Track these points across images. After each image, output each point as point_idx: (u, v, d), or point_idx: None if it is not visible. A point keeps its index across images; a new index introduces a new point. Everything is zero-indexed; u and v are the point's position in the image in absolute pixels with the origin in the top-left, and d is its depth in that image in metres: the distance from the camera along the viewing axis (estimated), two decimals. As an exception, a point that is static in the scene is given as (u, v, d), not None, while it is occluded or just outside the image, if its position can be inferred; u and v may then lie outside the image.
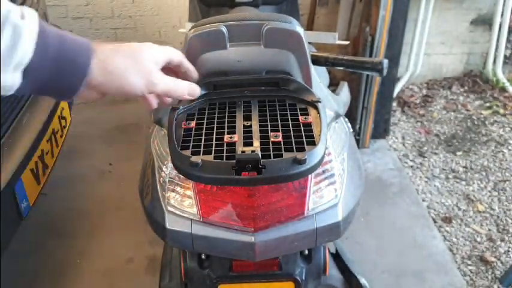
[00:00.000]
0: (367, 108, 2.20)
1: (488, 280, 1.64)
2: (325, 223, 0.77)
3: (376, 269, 1.65)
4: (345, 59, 0.85)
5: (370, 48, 2.03)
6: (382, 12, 1.96)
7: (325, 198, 0.79)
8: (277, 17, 0.73)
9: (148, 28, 2.65)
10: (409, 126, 2.53)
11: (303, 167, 0.56)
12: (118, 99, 2.73)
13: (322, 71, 1.07)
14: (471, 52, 2.92)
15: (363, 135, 2.27)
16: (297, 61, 0.75)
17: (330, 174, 0.81)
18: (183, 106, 0.70)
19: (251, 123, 0.66)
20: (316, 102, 0.68)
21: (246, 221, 0.74)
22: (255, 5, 1.55)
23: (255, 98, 0.72)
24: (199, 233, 0.76)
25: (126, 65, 0.60)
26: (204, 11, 1.67)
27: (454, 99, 2.78)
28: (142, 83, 0.61)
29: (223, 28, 0.72)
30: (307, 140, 0.61)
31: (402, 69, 2.69)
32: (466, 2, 2.74)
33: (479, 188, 2.08)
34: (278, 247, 0.76)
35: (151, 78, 0.61)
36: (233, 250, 0.76)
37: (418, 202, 1.99)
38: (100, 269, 1.66)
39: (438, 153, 2.31)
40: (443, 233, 1.84)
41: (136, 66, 0.60)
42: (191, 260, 0.93)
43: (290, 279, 0.88)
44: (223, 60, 0.73)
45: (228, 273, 0.89)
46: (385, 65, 0.81)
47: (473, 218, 1.91)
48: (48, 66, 0.54)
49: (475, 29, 2.84)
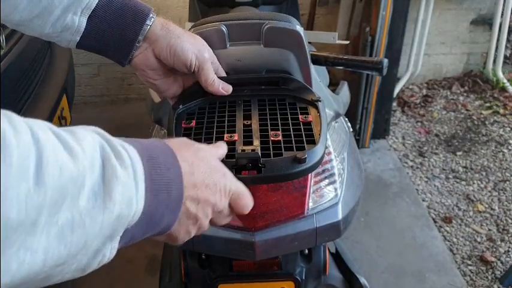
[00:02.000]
0: (367, 108, 2.20)
1: (488, 280, 1.64)
2: (325, 222, 0.77)
3: (376, 269, 1.65)
4: (345, 58, 0.84)
5: (370, 48, 2.03)
6: (382, 12, 1.96)
7: (325, 198, 0.79)
8: (277, 16, 0.73)
9: (148, 28, 2.65)
10: (409, 126, 2.53)
11: (303, 166, 0.56)
12: (118, 99, 2.74)
13: (322, 71, 1.07)
14: (471, 52, 2.92)
15: (363, 135, 2.27)
16: (297, 60, 0.75)
17: (330, 174, 0.81)
18: (182, 105, 0.70)
19: (251, 122, 0.66)
20: (316, 102, 0.68)
21: (246, 221, 0.74)
22: (255, 4, 1.55)
23: (255, 97, 0.72)
24: (199, 232, 0.76)
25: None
26: (204, 10, 1.67)
27: (454, 99, 2.78)
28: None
29: (223, 27, 0.72)
30: (307, 139, 0.61)
31: (402, 69, 2.69)
32: (466, 2, 2.74)
33: (479, 188, 2.08)
34: (278, 246, 0.76)
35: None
36: (233, 250, 0.76)
37: (418, 202, 1.99)
38: (100, 269, 1.66)
39: (438, 153, 2.31)
40: (444, 233, 1.84)
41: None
42: (191, 260, 0.93)
43: (290, 278, 0.88)
44: (223, 59, 0.73)
45: (228, 273, 0.89)
46: (385, 64, 0.81)
47: (473, 218, 1.91)
48: (111, 16, 0.61)
49: (475, 29, 2.84)
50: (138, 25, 0.62)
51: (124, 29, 0.62)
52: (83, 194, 0.32)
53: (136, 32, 0.63)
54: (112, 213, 0.34)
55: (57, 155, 0.31)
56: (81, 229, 0.33)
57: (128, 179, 0.36)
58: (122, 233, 0.38)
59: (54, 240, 0.31)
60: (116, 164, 0.35)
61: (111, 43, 0.63)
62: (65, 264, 0.34)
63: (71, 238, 0.32)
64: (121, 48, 0.64)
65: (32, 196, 0.29)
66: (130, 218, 0.37)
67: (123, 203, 0.35)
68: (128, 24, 0.62)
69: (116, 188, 0.34)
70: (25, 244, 0.30)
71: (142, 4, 0.64)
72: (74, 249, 0.33)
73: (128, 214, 0.36)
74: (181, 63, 0.66)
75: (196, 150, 0.48)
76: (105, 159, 0.35)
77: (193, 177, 0.44)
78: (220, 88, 0.69)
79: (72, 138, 0.34)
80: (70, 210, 0.32)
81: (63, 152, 0.32)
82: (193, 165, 0.45)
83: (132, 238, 0.40)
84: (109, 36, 0.62)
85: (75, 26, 0.60)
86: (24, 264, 0.30)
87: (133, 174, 0.36)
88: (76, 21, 0.60)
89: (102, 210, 0.34)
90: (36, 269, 0.31)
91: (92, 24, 0.61)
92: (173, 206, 0.42)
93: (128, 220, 0.36)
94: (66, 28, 0.60)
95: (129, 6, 0.62)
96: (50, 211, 0.30)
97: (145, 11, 0.63)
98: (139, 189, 0.37)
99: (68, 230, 0.32)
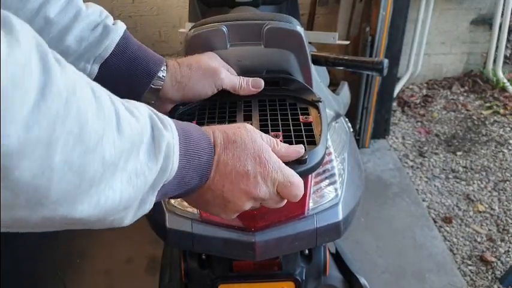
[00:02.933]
0: (367, 108, 2.20)
1: (488, 280, 1.64)
2: (325, 223, 0.77)
3: (376, 269, 1.65)
4: (345, 58, 0.84)
5: (370, 48, 2.03)
6: (382, 12, 1.96)
7: (325, 198, 0.79)
8: (278, 16, 0.73)
9: (148, 28, 2.65)
10: (409, 126, 2.53)
11: (304, 167, 0.56)
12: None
13: (322, 71, 1.07)
14: (471, 52, 2.92)
15: (363, 135, 2.27)
16: (297, 61, 0.75)
17: (330, 174, 0.81)
18: (183, 106, 0.70)
19: (251, 122, 0.66)
20: (316, 102, 0.68)
21: (246, 221, 0.74)
22: (255, 4, 1.55)
23: (255, 98, 0.72)
24: (199, 232, 0.76)
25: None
26: (204, 10, 1.67)
27: (454, 99, 2.78)
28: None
29: (223, 28, 0.72)
30: (307, 139, 0.61)
31: (402, 69, 2.69)
32: (466, 2, 2.74)
33: (480, 188, 2.08)
34: (278, 247, 0.76)
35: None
36: (233, 250, 0.76)
37: (418, 202, 1.99)
38: (100, 269, 1.66)
39: (438, 153, 2.31)
40: (444, 233, 1.84)
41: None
42: (191, 260, 0.93)
43: (290, 279, 0.88)
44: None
45: (228, 273, 0.89)
46: (385, 64, 0.81)
47: (473, 218, 1.91)
48: (124, 64, 0.62)
49: (475, 29, 2.84)
50: (148, 80, 0.63)
51: (135, 82, 0.63)
52: (142, 148, 0.39)
53: (144, 89, 0.63)
54: (158, 166, 0.41)
55: (126, 114, 0.38)
56: (142, 177, 0.39)
57: (170, 139, 0.42)
58: (160, 188, 0.43)
59: (126, 183, 0.38)
60: (162, 127, 0.42)
61: (123, 89, 0.63)
62: (129, 208, 0.40)
63: (136, 182, 0.39)
64: (132, 97, 0.65)
65: (117, 142, 0.36)
66: (168, 174, 0.42)
67: (166, 159, 0.42)
68: (139, 77, 0.63)
69: (162, 146, 0.41)
70: (109, 183, 0.36)
71: (154, 56, 0.64)
72: (139, 193, 0.40)
73: (167, 169, 0.42)
74: (201, 98, 0.68)
75: (235, 132, 0.50)
76: (153, 123, 0.41)
77: (219, 159, 0.48)
78: (251, 88, 0.70)
79: (130, 104, 0.41)
80: (134, 160, 0.38)
81: (128, 112, 0.39)
82: (226, 150, 0.48)
83: (165, 194, 0.46)
84: (120, 83, 0.63)
85: (87, 73, 0.60)
86: (108, 201, 0.36)
87: (172, 136, 0.43)
88: (88, 69, 0.60)
89: (154, 163, 0.40)
90: (113, 207, 0.37)
91: (103, 71, 0.61)
92: (202, 171, 0.47)
93: (166, 175, 0.42)
94: None
95: (142, 58, 0.63)
96: (125, 158, 0.37)
97: (158, 63, 0.63)
98: (175, 150, 0.43)
99: (134, 176, 0.38)
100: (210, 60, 0.68)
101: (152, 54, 0.64)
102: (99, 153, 0.34)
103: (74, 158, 0.32)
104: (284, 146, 0.53)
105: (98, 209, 0.36)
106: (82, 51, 0.59)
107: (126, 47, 0.62)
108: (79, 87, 0.33)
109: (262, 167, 0.49)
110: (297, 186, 0.51)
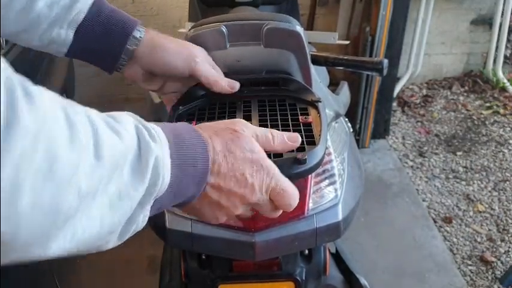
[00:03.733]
0: (367, 108, 2.20)
1: (488, 280, 1.64)
2: (325, 223, 0.77)
3: (376, 269, 1.65)
4: (345, 59, 0.84)
5: (370, 48, 2.03)
6: (382, 12, 1.96)
7: (325, 198, 0.79)
8: (277, 16, 0.73)
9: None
10: (409, 126, 2.53)
11: (303, 167, 0.56)
12: (117, 99, 2.74)
13: (322, 71, 1.07)
14: (471, 52, 2.92)
15: (363, 135, 2.27)
16: (297, 61, 0.75)
17: (330, 174, 0.81)
18: (182, 106, 0.70)
19: (251, 123, 0.66)
20: (316, 102, 0.68)
21: (246, 221, 0.74)
22: (255, 4, 1.55)
23: (254, 98, 0.72)
24: (199, 232, 0.76)
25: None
26: (204, 10, 1.67)
27: (454, 99, 2.78)
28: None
29: (223, 28, 0.72)
30: (307, 139, 0.61)
31: (402, 69, 2.69)
32: (466, 2, 2.74)
33: (480, 188, 2.08)
34: (278, 247, 0.76)
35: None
36: (233, 250, 0.76)
37: (418, 202, 1.99)
38: (100, 269, 1.66)
39: (438, 153, 2.31)
40: (444, 233, 1.84)
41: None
42: (191, 260, 0.93)
43: (290, 279, 0.88)
44: (223, 60, 0.73)
45: (228, 273, 0.89)
46: (385, 64, 0.81)
47: (473, 218, 1.91)
48: (99, 27, 0.61)
49: (475, 29, 2.84)
50: (123, 40, 0.62)
51: (110, 44, 0.62)
52: (126, 168, 0.37)
53: (121, 51, 0.63)
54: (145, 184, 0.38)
55: (107, 133, 0.36)
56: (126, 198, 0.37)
57: (159, 152, 0.40)
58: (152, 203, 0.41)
59: (107, 208, 0.35)
60: (149, 140, 0.39)
61: (98, 55, 0.63)
62: (113, 233, 0.38)
63: (119, 205, 0.36)
64: (107, 61, 0.64)
65: (95, 169, 0.33)
66: (158, 188, 0.40)
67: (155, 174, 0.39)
68: (114, 39, 0.62)
69: (150, 161, 0.38)
70: (86, 212, 0.33)
71: (129, 18, 0.63)
72: (124, 216, 0.38)
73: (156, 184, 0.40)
74: (171, 74, 0.66)
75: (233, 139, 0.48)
76: (140, 136, 0.39)
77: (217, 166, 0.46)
78: (226, 86, 0.68)
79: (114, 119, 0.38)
80: (117, 182, 0.36)
81: (110, 131, 0.36)
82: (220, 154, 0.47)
83: (161, 207, 0.44)
84: (95, 49, 0.62)
85: (62, 39, 0.60)
86: (86, 232, 0.34)
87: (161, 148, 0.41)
88: (62, 35, 0.60)
89: (140, 181, 0.38)
90: (94, 235, 0.35)
91: (78, 37, 0.61)
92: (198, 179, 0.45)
93: (156, 191, 0.40)
94: (52, 41, 0.61)
95: (116, 19, 0.62)
96: (105, 182, 0.35)
97: (132, 25, 0.63)
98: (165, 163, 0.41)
99: (116, 199, 0.36)
100: (194, 47, 0.68)
101: (127, 16, 0.64)
102: (75, 186, 0.32)
103: (45, 198, 0.30)
104: (280, 142, 0.53)
105: (74, 242, 0.34)
106: (54, 17, 0.58)
107: (100, 10, 0.61)
108: (50, 118, 0.31)
109: (257, 173, 0.48)
110: (291, 195, 0.50)
